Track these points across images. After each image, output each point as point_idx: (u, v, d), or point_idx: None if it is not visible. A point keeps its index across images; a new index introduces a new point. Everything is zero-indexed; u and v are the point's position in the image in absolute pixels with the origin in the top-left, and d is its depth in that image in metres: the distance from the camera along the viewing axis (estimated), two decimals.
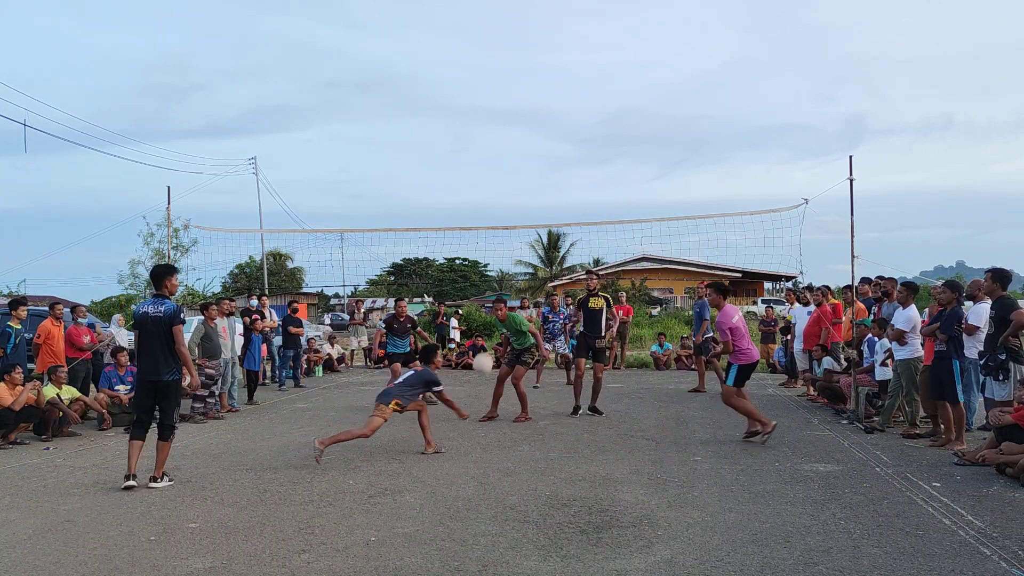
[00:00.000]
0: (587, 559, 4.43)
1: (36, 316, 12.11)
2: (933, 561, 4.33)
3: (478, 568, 4.29)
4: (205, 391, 10.09)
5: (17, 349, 10.07)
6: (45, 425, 8.90)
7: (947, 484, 6.13)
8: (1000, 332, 7.32)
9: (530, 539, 4.80)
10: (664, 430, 8.92)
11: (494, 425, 9.31)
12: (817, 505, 5.55)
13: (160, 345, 6.44)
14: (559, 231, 49.02)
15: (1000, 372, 7.36)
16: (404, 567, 4.33)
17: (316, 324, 29.08)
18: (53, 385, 9.42)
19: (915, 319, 8.33)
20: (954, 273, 64.78)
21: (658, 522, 5.14)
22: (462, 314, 24.61)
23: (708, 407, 10.89)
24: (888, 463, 6.95)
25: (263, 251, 37.19)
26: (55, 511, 5.65)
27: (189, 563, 4.44)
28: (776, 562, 4.34)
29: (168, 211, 11.86)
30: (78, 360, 10.45)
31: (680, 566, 4.30)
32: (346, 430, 7.56)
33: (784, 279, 42.99)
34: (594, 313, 10.18)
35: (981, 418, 8.43)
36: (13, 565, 4.47)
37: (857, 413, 9.27)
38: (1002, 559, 4.34)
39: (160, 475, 6.41)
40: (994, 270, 7.61)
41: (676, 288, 45.25)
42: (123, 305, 33.83)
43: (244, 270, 48.60)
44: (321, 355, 17.25)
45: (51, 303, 11.20)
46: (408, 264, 60.24)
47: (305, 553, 4.59)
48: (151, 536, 4.97)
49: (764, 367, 16.82)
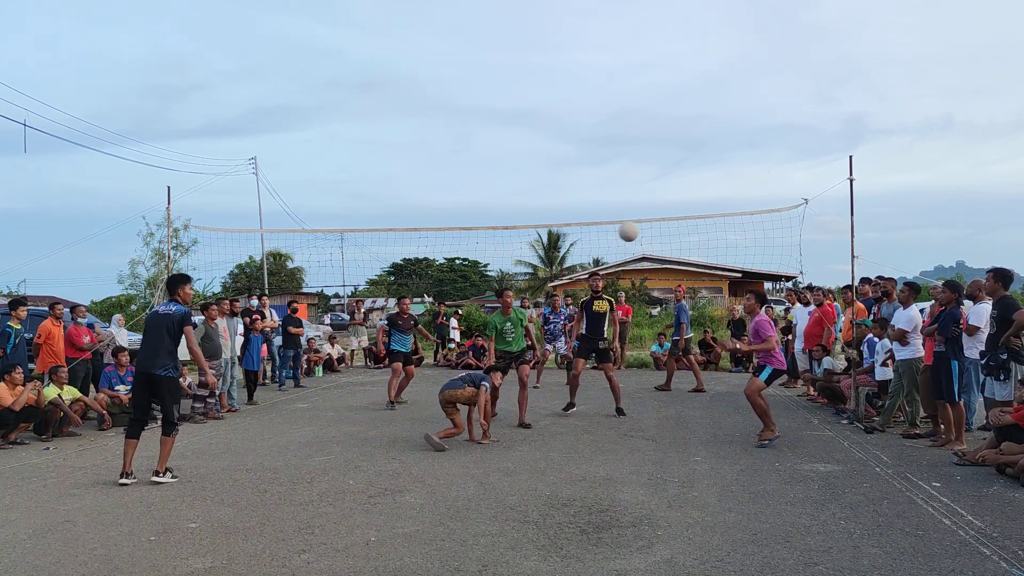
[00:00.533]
0: (587, 559, 4.43)
1: (36, 316, 12.10)
2: (933, 561, 4.33)
3: (478, 568, 4.29)
4: (205, 391, 10.09)
5: (17, 349, 10.07)
6: (46, 425, 8.90)
7: (947, 484, 6.13)
8: (1002, 332, 7.33)
9: (530, 539, 4.80)
10: (664, 430, 8.92)
11: (494, 425, 9.30)
12: (817, 505, 5.55)
13: (160, 339, 6.51)
14: (559, 231, 49.01)
15: (1001, 372, 7.37)
16: (404, 567, 4.33)
17: (316, 324, 29.07)
18: (55, 385, 9.42)
19: (916, 319, 8.33)
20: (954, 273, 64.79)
21: (658, 522, 5.14)
22: (462, 314, 24.59)
23: (708, 407, 10.90)
24: (888, 463, 6.95)
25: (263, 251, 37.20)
26: (55, 511, 5.64)
27: (189, 563, 4.44)
28: (776, 562, 4.34)
29: (168, 211, 11.87)
30: (77, 360, 10.45)
31: (680, 566, 4.30)
32: (450, 428, 8.00)
33: (784, 279, 42.96)
34: (598, 316, 10.15)
35: (981, 418, 8.43)
36: (13, 565, 4.47)
37: (857, 413, 9.27)
38: (1002, 559, 4.35)
39: (163, 469, 6.47)
40: (996, 270, 7.61)
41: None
42: (123, 305, 33.81)
43: (244, 270, 48.60)
44: (321, 355, 17.25)
45: (51, 303, 11.20)
46: (408, 264, 60.23)
47: (305, 553, 4.59)
48: (151, 536, 4.97)
49: None
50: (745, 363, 16.95)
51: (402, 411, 10.79)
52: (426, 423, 9.56)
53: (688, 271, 45.32)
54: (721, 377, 15.65)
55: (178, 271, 14.19)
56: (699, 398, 11.95)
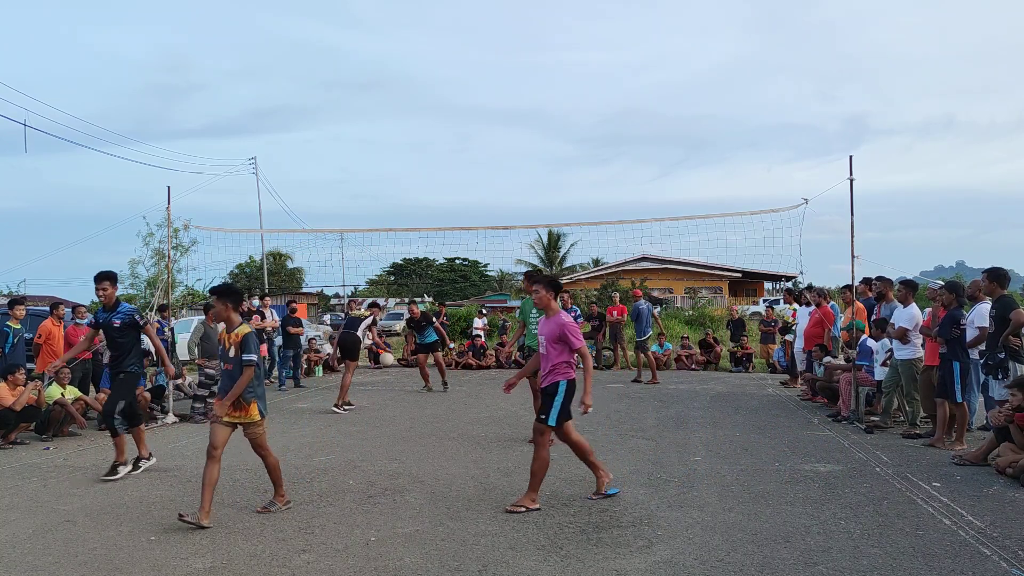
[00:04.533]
0: (587, 559, 4.43)
1: (36, 316, 12.10)
2: (933, 561, 4.33)
3: (478, 568, 4.29)
4: (205, 391, 10.09)
5: (15, 349, 10.07)
6: (47, 425, 8.90)
7: (947, 484, 6.13)
8: (1000, 331, 7.35)
9: (530, 539, 4.80)
10: (664, 430, 8.92)
11: (494, 425, 9.30)
12: (817, 505, 5.55)
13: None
14: (559, 231, 49.06)
15: (999, 371, 7.39)
16: (404, 567, 4.33)
17: (316, 324, 29.07)
18: (58, 385, 9.43)
19: (917, 316, 8.35)
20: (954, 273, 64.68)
21: (658, 522, 5.14)
22: (485, 314, 24.37)
23: (708, 407, 10.90)
24: (888, 463, 6.95)
25: (263, 251, 37.19)
26: (55, 511, 5.64)
27: (189, 563, 4.44)
28: (776, 562, 4.34)
29: (168, 211, 11.84)
30: (77, 360, 10.43)
31: (680, 566, 4.30)
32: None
33: (784, 279, 42.97)
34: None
35: (981, 418, 8.43)
36: (13, 565, 4.47)
37: (857, 413, 9.27)
38: (1002, 559, 4.34)
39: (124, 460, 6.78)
40: (991, 270, 7.69)
41: (676, 288, 45.25)
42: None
43: (244, 270, 48.58)
44: (321, 355, 17.25)
45: (53, 303, 11.20)
46: (408, 264, 60.20)
47: (305, 553, 4.59)
48: (151, 536, 4.97)
49: (764, 367, 16.86)
50: (745, 363, 16.97)
51: (402, 411, 10.79)
52: (426, 423, 9.57)
53: (688, 271, 45.35)
54: (721, 377, 15.66)
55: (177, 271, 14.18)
56: (699, 398, 11.95)
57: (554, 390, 5.58)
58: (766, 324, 17.34)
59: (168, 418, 9.92)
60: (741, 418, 9.74)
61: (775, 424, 9.28)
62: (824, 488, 6.05)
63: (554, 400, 5.56)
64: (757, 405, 11.11)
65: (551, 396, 5.59)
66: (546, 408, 5.60)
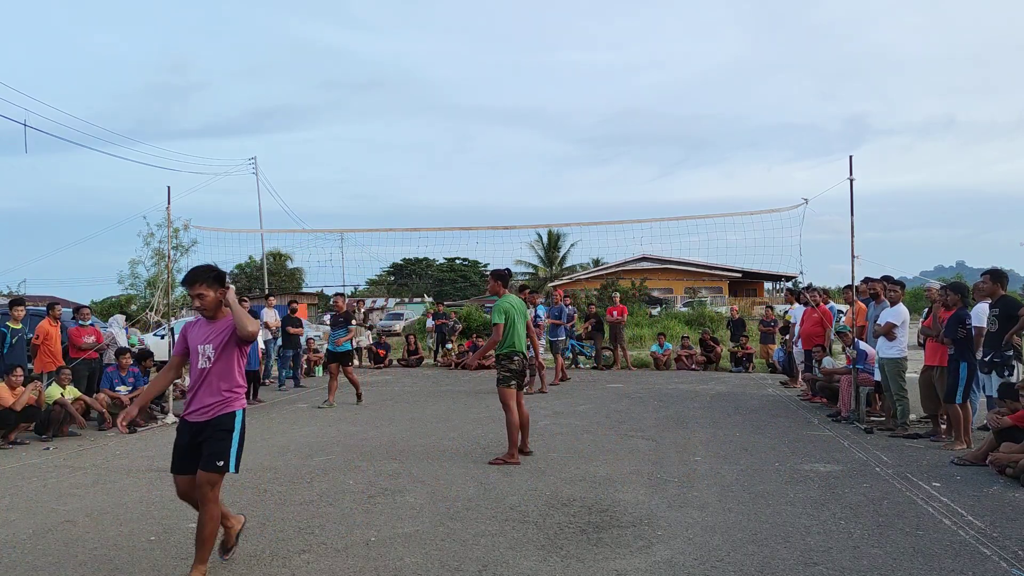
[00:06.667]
0: (587, 559, 4.43)
1: (36, 316, 12.09)
2: (933, 561, 4.33)
3: (478, 568, 4.29)
4: None
5: (15, 349, 10.06)
6: (47, 425, 8.90)
7: (947, 484, 6.13)
8: (1004, 330, 7.38)
9: (530, 539, 4.80)
10: (664, 430, 8.92)
11: (494, 425, 9.29)
12: (817, 505, 5.55)
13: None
14: (559, 231, 49.06)
15: (1005, 369, 7.43)
16: (404, 567, 4.33)
17: (316, 324, 29.05)
18: (58, 385, 9.43)
19: (904, 314, 8.43)
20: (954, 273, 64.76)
21: (658, 522, 5.14)
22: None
23: (708, 407, 10.90)
24: (888, 463, 6.95)
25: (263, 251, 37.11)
26: (55, 511, 5.64)
27: (189, 563, 4.42)
28: (776, 562, 4.34)
29: (168, 211, 11.83)
30: (79, 360, 10.44)
31: (680, 566, 4.30)
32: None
33: (784, 279, 42.98)
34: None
35: (981, 417, 8.43)
36: (13, 565, 4.47)
37: (857, 413, 9.27)
38: (1002, 559, 4.34)
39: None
40: (991, 271, 7.75)
41: (676, 288, 45.27)
42: (123, 305, 33.84)
43: (244, 270, 48.59)
44: (321, 355, 17.24)
45: (50, 303, 11.18)
46: (408, 264, 60.23)
47: (305, 553, 4.59)
48: (151, 536, 4.97)
49: (764, 367, 16.86)
50: (745, 363, 16.97)
51: (402, 411, 10.78)
52: (426, 423, 9.57)
53: (688, 271, 45.36)
54: (721, 377, 15.66)
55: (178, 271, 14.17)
56: (699, 398, 11.95)
57: None
58: (766, 324, 17.34)
59: (168, 418, 9.92)
60: (741, 418, 9.74)
61: (775, 424, 9.28)
62: (824, 488, 6.05)
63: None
64: (757, 405, 11.11)
65: None
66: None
